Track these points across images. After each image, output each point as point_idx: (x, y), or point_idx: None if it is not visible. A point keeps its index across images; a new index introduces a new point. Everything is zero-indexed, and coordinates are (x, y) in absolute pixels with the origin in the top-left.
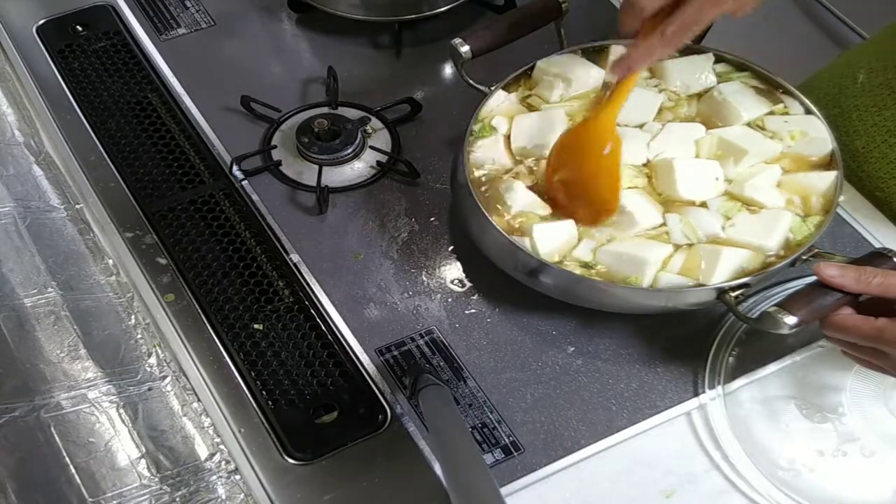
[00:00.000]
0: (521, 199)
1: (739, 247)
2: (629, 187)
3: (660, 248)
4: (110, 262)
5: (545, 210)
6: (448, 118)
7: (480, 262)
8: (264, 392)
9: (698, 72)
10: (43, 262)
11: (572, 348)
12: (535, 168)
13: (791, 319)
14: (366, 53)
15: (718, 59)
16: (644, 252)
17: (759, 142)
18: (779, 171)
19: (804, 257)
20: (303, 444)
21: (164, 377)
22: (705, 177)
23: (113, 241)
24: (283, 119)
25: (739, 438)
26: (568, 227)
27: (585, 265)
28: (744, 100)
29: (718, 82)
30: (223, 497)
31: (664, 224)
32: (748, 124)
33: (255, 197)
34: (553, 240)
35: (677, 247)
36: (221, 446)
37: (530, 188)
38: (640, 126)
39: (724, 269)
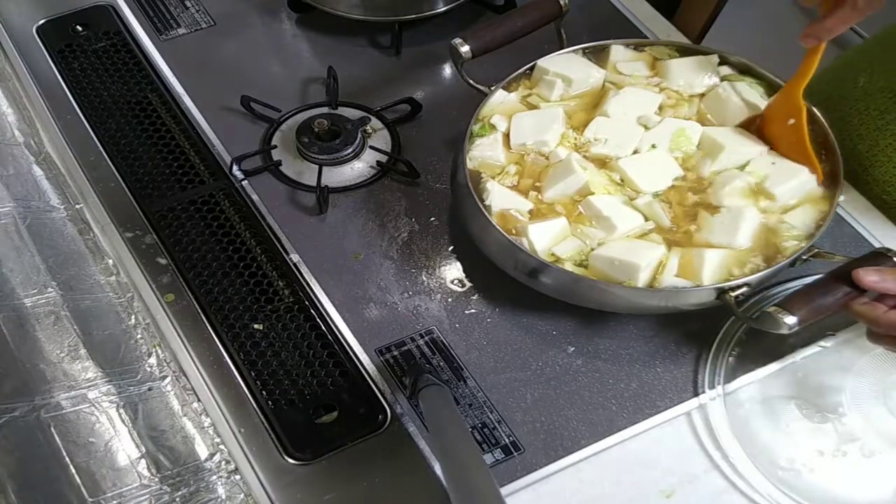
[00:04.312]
0: (499, 199)
1: (714, 248)
2: (604, 194)
3: (651, 251)
4: (110, 262)
5: (526, 207)
6: (448, 118)
7: (480, 262)
8: (264, 392)
9: (702, 72)
10: (43, 262)
11: (572, 348)
12: (531, 163)
13: (791, 319)
14: (366, 53)
15: (723, 62)
16: (635, 258)
17: (744, 142)
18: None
19: (804, 257)
20: (303, 444)
21: (164, 377)
22: (660, 168)
23: (113, 241)
24: (283, 119)
25: (739, 438)
26: (561, 224)
27: (581, 264)
28: (748, 98)
29: (722, 82)
30: (223, 497)
31: (648, 219)
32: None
33: (255, 197)
34: (549, 239)
35: (670, 246)
36: (221, 446)
37: (512, 187)
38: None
39: (712, 269)
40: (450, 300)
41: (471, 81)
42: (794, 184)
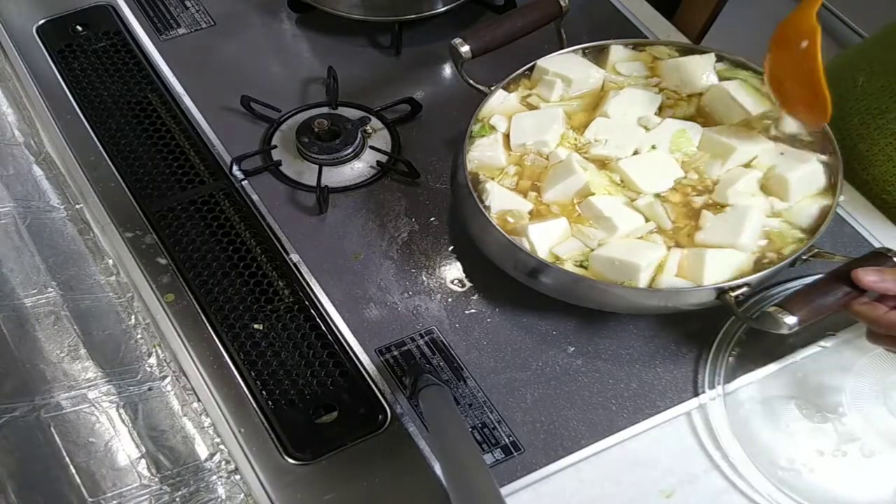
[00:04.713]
0: (499, 200)
1: (714, 248)
2: (604, 195)
3: (651, 251)
4: (110, 262)
5: (526, 208)
6: (448, 118)
7: (480, 262)
8: (264, 392)
9: (700, 71)
10: (43, 262)
11: (572, 348)
12: (531, 164)
13: (791, 319)
14: (366, 53)
15: (719, 59)
16: (635, 257)
17: (748, 139)
18: (760, 174)
19: (804, 257)
20: (303, 444)
21: (164, 377)
22: (660, 169)
23: (113, 241)
24: (283, 119)
25: (739, 438)
26: (561, 225)
27: (582, 265)
28: (746, 97)
29: (720, 81)
30: (223, 497)
31: (649, 220)
32: (745, 123)
33: (255, 197)
34: (550, 239)
35: (669, 246)
36: (221, 446)
37: (511, 188)
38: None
39: (712, 269)
40: (450, 300)
41: (471, 81)
42: (806, 170)
